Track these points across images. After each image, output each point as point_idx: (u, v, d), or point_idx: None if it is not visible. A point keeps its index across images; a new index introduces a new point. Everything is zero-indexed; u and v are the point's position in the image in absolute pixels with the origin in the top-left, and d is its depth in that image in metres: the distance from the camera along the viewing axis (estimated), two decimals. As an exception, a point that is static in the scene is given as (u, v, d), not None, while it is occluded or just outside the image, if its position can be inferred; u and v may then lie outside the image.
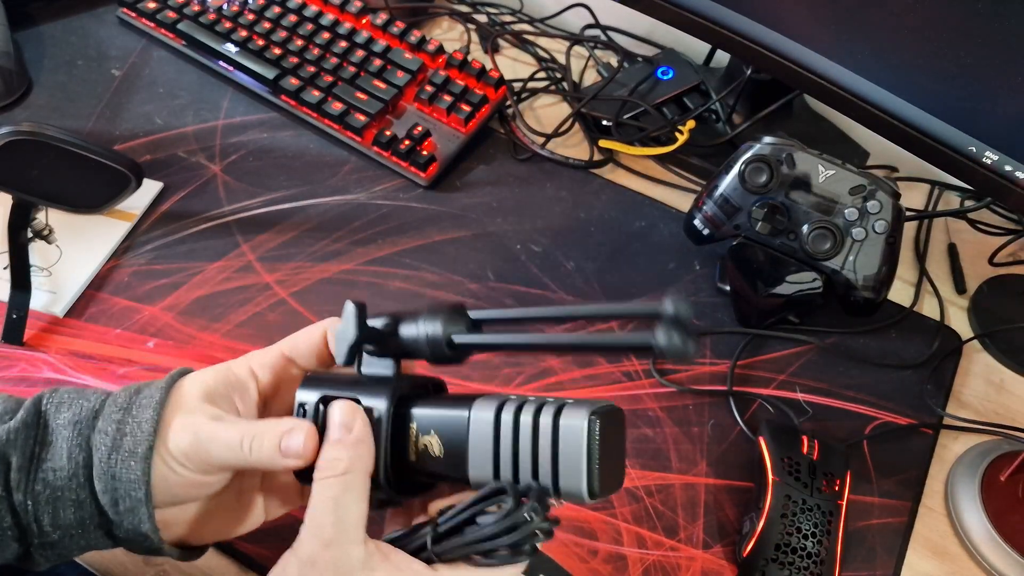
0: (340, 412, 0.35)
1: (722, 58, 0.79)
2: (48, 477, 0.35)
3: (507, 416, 0.33)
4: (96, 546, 0.37)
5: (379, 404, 0.36)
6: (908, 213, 0.67)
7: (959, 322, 0.66)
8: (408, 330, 0.36)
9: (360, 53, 0.75)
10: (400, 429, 0.36)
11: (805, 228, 0.58)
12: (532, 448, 0.32)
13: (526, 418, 0.32)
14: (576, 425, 0.31)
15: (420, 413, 0.35)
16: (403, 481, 0.36)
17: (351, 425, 0.35)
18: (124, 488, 0.35)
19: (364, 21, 0.78)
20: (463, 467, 0.33)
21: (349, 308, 0.36)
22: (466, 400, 0.34)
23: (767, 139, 0.59)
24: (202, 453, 0.36)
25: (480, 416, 0.33)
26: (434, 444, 0.34)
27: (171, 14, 0.76)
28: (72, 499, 0.36)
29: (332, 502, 0.33)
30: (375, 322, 0.37)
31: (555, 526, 0.33)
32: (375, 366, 0.37)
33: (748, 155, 0.59)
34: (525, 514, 0.31)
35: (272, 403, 0.41)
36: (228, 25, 0.75)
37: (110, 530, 0.37)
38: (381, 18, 0.78)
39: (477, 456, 0.33)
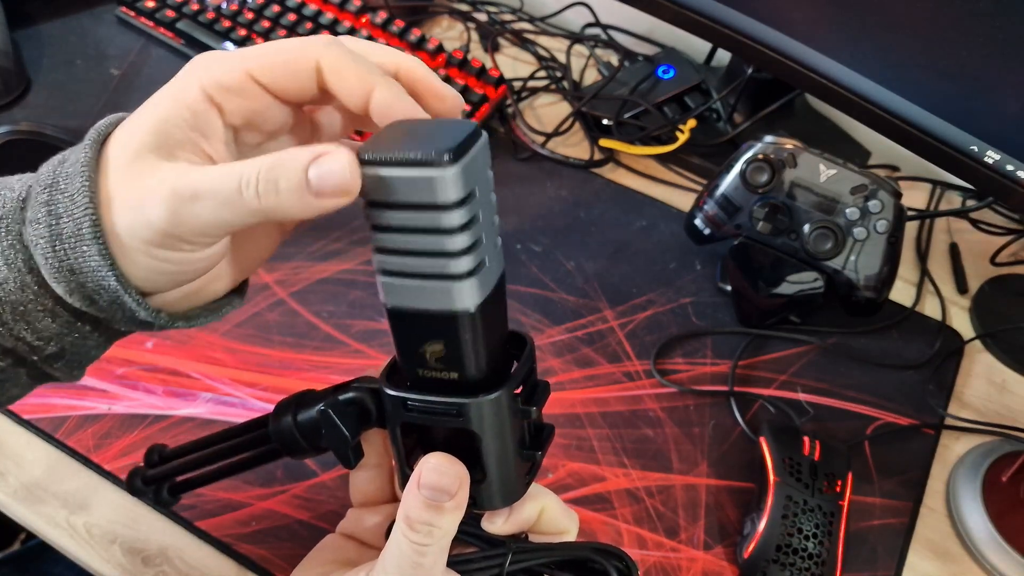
0: (437, 474, 0.29)
1: (723, 57, 0.79)
2: None
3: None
4: (110, 341, 0.31)
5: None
6: (910, 213, 0.67)
7: (961, 322, 0.66)
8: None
9: (360, 52, 0.74)
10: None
11: (806, 228, 0.57)
12: None
13: None
14: None
15: None
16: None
17: (454, 490, 0.29)
18: (92, 281, 0.27)
19: (363, 19, 0.78)
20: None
21: (326, 418, 0.32)
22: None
23: (768, 138, 0.59)
24: (188, 222, 0.26)
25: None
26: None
27: (170, 13, 0.76)
28: (39, 309, 0.28)
29: (421, 568, 0.30)
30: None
31: None
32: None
33: (749, 154, 0.59)
34: None
35: (247, 142, 0.30)
36: (227, 24, 0.75)
37: (108, 325, 0.30)
38: (380, 17, 0.77)
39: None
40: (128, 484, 0.37)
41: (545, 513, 0.33)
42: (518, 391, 0.30)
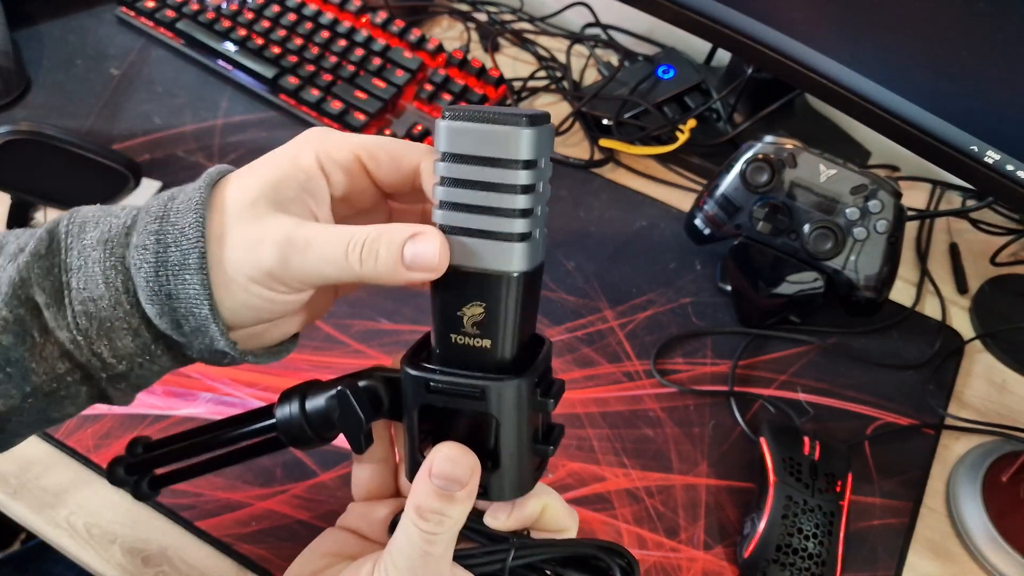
0: (449, 463, 0.30)
1: (723, 57, 0.79)
2: (89, 309, 0.30)
3: None
4: (172, 367, 0.33)
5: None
6: (910, 213, 0.67)
7: (961, 322, 0.66)
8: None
9: (359, 52, 0.74)
10: None
11: (806, 228, 0.57)
12: None
13: None
14: None
15: None
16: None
17: (465, 480, 0.30)
18: (185, 307, 0.30)
19: (363, 20, 0.78)
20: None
21: (343, 399, 0.32)
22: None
23: (768, 138, 0.59)
24: (293, 269, 0.29)
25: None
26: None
27: (170, 13, 0.76)
28: (125, 328, 0.31)
29: (431, 557, 0.30)
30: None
31: None
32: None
33: (749, 154, 0.59)
34: None
35: (340, 213, 0.33)
36: (227, 24, 0.75)
37: (181, 351, 0.32)
38: (380, 17, 0.77)
39: None
40: (108, 473, 0.37)
41: (547, 511, 0.33)
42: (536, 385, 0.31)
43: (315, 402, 0.34)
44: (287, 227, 0.29)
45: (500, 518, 0.33)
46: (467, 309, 0.29)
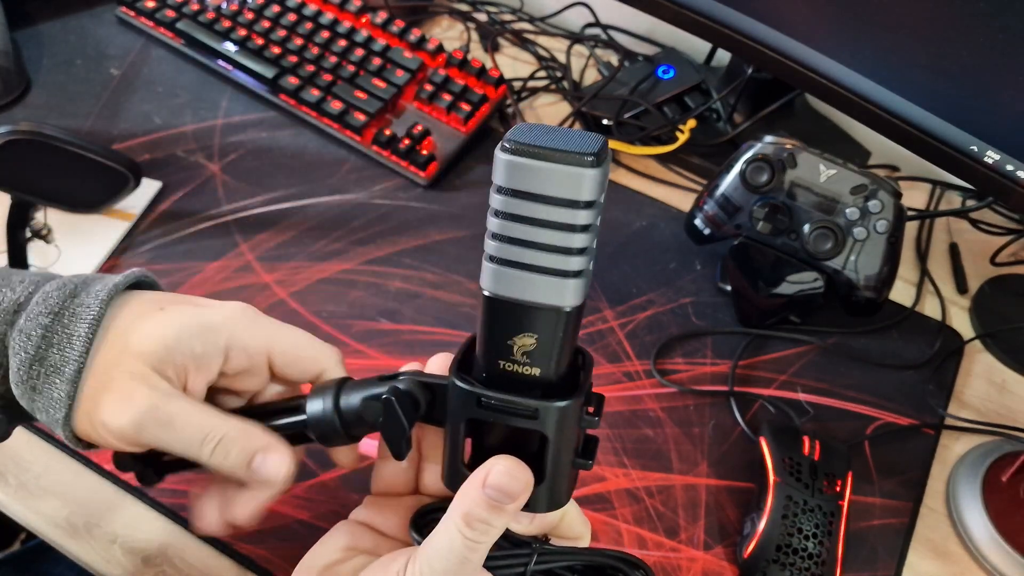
0: (506, 478, 0.30)
1: (723, 57, 0.79)
2: None
3: None
4: (14, 426, 0.35)
5: None
6: (909, 213, 0.67)
7: (960, 322, 0.66)
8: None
9: (359, 52, 0.74)
10: None
11: (806, 228, 0.57)
12: None
13: None
14: None
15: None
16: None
17: (519, 494, 0.30)
18: (43, 403, 0.31)
19: (363, 20, 0.78)
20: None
21: (389, 407, 0.32)
22: None
23: (768, 138, 0.59)
24: (146, 436, 0.31)
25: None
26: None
27: (170, 13, 0.76)
28: None
29: (468, 563, 0.30)
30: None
31: None
32: None
33: (749, 154, 0.59)
34: None
35: (216, 392, 0.35)
36: (227, 24, 0.75)
37: (30, 418, 0.34)
38: (380, 17, 0.77)
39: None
40: (114, 458, 0.37)
41: (566, 518, 0.34)
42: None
43: (349, 401, 0.34)
44: (156, 396, 0.31)
45: (523, 523, 0.33)
46: (518, 339, 0.29)
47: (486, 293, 0.29)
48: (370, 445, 0.38)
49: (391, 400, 0.32)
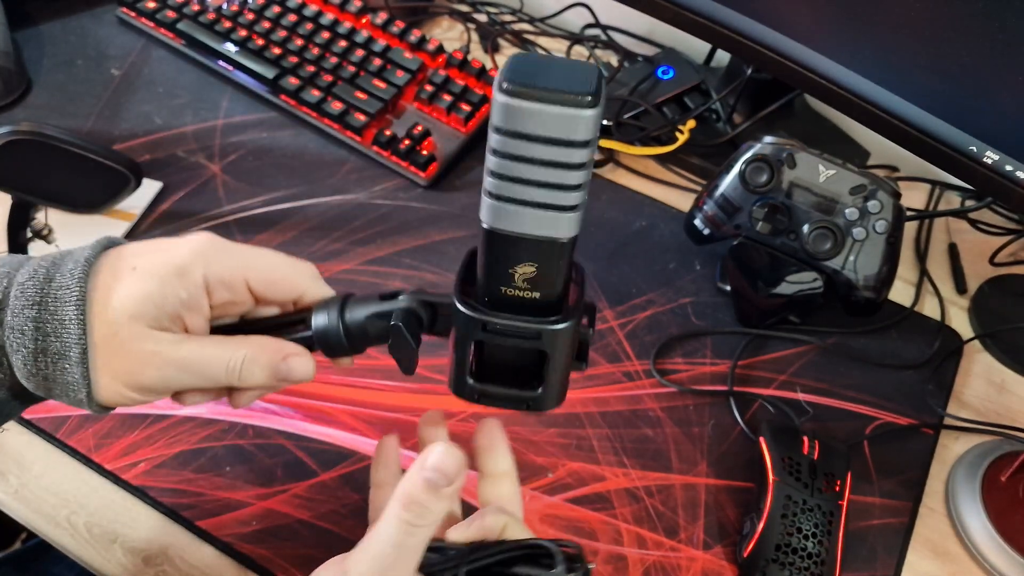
0: (448, 461, 0.31)
1: (722, 57, 0.79)
2: None
3: None
4: (25, 408, 0.35)
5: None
6: (909, 213, 0.67)
7: (960, 322, 0.66)
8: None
9: (360, 52, 0.74)
10: None
11: (806, 228, 0.58)
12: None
13: None
14: None
15: None
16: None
17: (453, 477, 0.31)
18: (61, 389, 0.32)
19: (364, 20, 0.78)
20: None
21: (396, 332, 0.34)
22: None
23: (768, 139, 0.59)
24: (172, 382, 0.32)
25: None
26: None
27: (171, 13, 0.76)
28: None
29: (404, 548, 0.31)
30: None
31: None
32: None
33: (749, 155, 0.59)
34: None
35: (215, 315, 0.36)
36: (228, 24, 0.75)
37: (32, 398, 0.34)
38: (381, 17, 0.77)
39: None
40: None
41: (507, 530, 0.35)
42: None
43: (354, 317, 0.35)
44: (166, 347, 0.32)
45: (460, 530, 0.35)
46: (519, 268, 0.30)
47: (486, 227, 0.30)
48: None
49: (399, 327, 0.34)
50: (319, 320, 0.35)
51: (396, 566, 0.31)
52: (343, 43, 0.75)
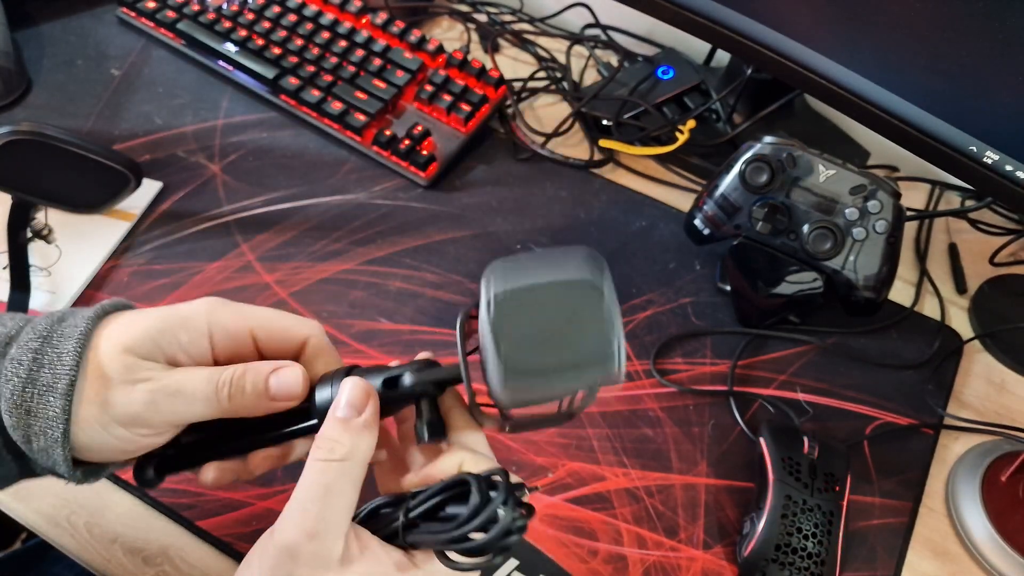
0: (351, 390, 0.32)
1: (722, 58, 0.79)
2: None
3: None
4: (18, 478, 0.35)
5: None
6: (909, 213, 0.67)
7: (960, 322, 0.66)
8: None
9: (360, 52, 0.74)
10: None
11: (805, 228, 0.58)
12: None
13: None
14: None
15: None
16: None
17: (361, 407, 0.32)
18: (40, 425, 0.31)
19: (364, 20, 0.78)
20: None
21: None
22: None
23: (768, 139, 0.59)
24: (163, 413, 0.32)
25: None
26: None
27: (171, 14, 0.76)
28: None
29: (323, 489, 0.31)
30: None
31: (529, 519, 0.31)
32: None
33: (749, 155, 0.59)
34: (499, 510, 0.30)
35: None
36: (228, 24, 0.75)
37: (27, 464, 0.33)
38: (381, 17, 0.77)
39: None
40: (135, 473, 0.37)
41: (464, 466, 0.34)
42: None
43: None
44: (157, 375, 0.32)
45: (411, 477, 0.35)
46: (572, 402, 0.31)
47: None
48: None
49: (424, 396, 0.33)
50: (323, 395, 0.34)
51: (324, 514, 0.30)
52: (343, 43, 0.75)
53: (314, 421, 0.35)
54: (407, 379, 0.34)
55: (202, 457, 0.36)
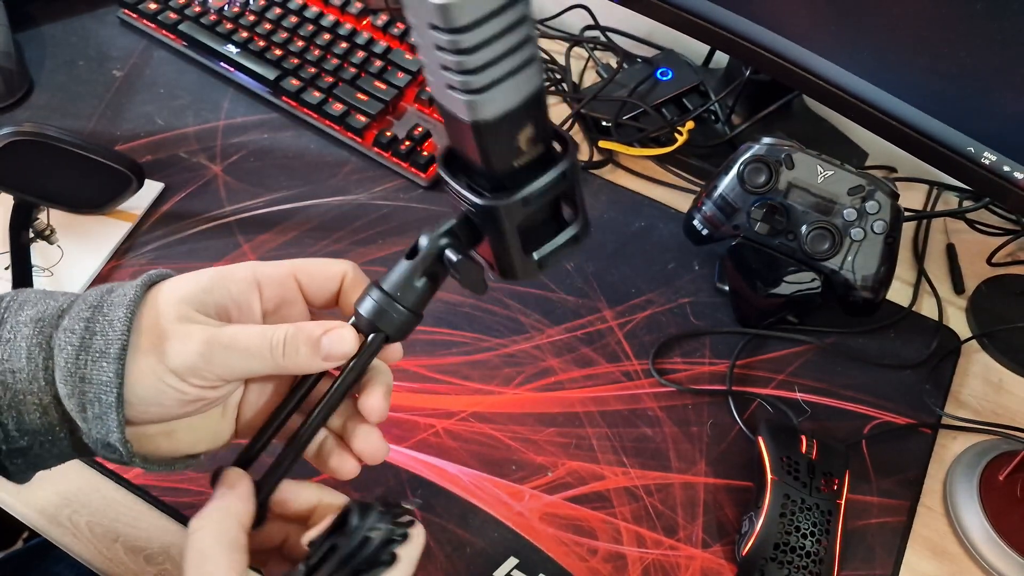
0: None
1: (721, 59, 0.79)
2: (7, 380, 0.32)
3: None
4: (70, 456, 0.35)
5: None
6: (907, 213, 0.67)
7: (957, 322, 0.67)
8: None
9: (361, 54, 0.75)
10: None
11: (804, 228, 0.58)
12: None
13: None
14: None
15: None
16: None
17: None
18: (94, 391, 0.31)
19: (365, 22, 0.78)
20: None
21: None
22: None
23: (766, 140, 0.59)
24: (216, 365, 0.32)
25: None
26: None
27: (172, 15, 0.76)
28: (35, 403, 0.33)
29: (199, 555, 0.31)
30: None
31: (408, 527, 0.33)
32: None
33: (747, 155, 0.59)
34: (367, 532, 0.31)
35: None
36: (229, 26, 0.75)
37: (81, 440, 0.34)
38: (382, 19, 0.78)
39: None
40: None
41: (318, 512, 0.36)
42: None
43: (401, 285, 0.35)
44: (211, 327, 0.33)
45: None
46: (521, 134, 0.30)
47: (478, 121, 0.29)
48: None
49: (463, 259, 0.34)
50: (366, 307, 0.35)
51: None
52: (344, 44, 0.75)
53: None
54: None
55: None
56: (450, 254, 0.34)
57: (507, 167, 0.31)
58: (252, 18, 0.76)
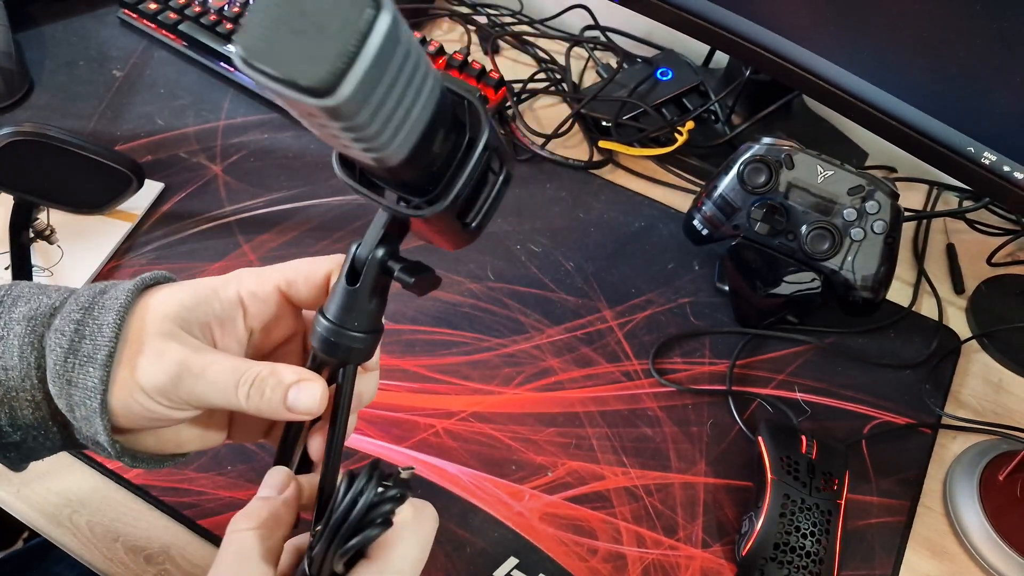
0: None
1: (721, 59, 0.79)
2: (0, 377, 0.33)
3: None
4: (62, 448, 0.35)
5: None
6: (907, 213, 0.67)
7: (957, 322, 0.67)
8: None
9: (360, 54, 0.75)
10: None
11: (804, 228, 0.58)
12: None
13: None
14: None
15: None
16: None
17: (282, 487, 0.34)
18: (79, 395, 0.32)
19: (364, 22, 0.78)
20: None
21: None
22: None
23: (766, 140, 0.59)
24: (183, 391, 0.32)
25: None
26: None
27: (172, 15, 0.76)
28: (28, 400, 0.33)
29: (234, 557, 0.31)
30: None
31: (402, 488, 0.31)
32: None
33: (747, 155, 0.59)
34: (355, 495, 0.30)
35: (256, 342, 0.36)
36: (229, 26, 0.75)
37: (71, 434, 0.34)
38: (381, 19, 0.78)
39: None
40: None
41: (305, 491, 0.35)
42: None
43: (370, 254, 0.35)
44: (187, 350, 0.32)
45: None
46: (435, 143, 0.29)
47: (394, 164, 0.27)
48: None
49: (415, 279, 0.34)
50: (326, 347, 0.33)
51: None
52: (344, 44, 0.75)
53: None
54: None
55: None
56: (402, 275, 0.33)
57: (428, 173, 0.30)
58: (252, 18, 0.76)
